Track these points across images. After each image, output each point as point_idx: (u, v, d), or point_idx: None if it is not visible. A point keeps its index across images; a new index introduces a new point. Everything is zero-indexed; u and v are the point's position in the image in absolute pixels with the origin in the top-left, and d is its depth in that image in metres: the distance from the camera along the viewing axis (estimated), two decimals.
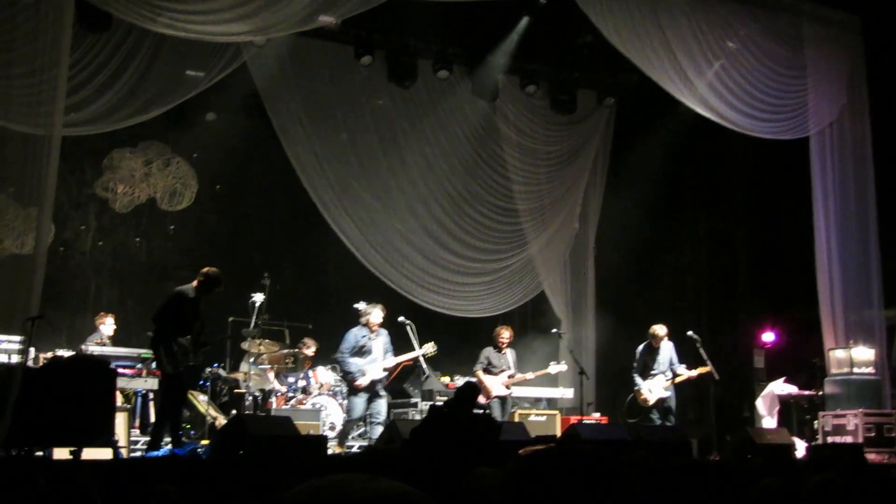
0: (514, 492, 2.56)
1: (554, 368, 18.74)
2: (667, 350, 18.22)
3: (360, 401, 16.66)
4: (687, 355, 18.39)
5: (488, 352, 18.35)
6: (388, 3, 15.65)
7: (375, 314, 17.01)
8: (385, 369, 16.90)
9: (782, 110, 19.08)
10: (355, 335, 16.86)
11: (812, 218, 19.52)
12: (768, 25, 18.74)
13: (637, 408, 18.49)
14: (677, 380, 18.00)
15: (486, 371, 18.11)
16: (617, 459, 2.58)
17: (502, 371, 18.05)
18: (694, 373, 17.97)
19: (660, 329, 18.28)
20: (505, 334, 18.38)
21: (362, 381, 16.58)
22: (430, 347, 17.30)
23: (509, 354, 18.31)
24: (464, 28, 19.34)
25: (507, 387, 18.07)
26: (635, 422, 18.89)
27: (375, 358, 16.81)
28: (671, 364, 18.11)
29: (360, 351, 16.78)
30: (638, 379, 18.25)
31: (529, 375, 18.34)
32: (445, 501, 5.46)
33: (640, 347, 18.47)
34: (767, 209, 22.11)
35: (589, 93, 21.84)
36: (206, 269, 14.58)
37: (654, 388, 18.02)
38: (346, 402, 17.49)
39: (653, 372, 18.13)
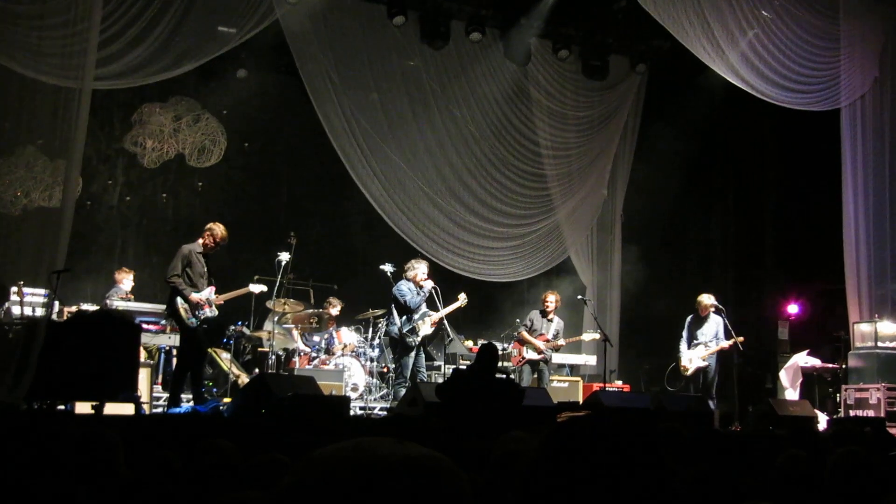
0: (553, 456, 2.54)
1: (588, 336, 18.70)
2: (714, 322, 18.14)
3: (411, 359, 16.58)
4: None
5: (533, 314, 18.33)
6: None
7: (422, 269, 16.88)
8: (433, 324, 16.81)
9: (814, 81, 18.95)
10: (409, 289, 16.74)
11: (841, 190, 19.42)
12: None
13: (678, 376, 18.50)
14: (712, 350, 17.91)
15: (529, 330, 18.07)
16: (654, 429, 2.56)
17: (540, 335, 17.95)
18: (726, 343, 17.89)
19: (706, 298, 18.23)
20: (550, 298, 18.29)
21: (415, 341, 16.51)
22: (463, 298, 17.21)
23: (555, 323, 18.20)
24: None
25: (539, 351, 17.93)
26: (658, 391, 18.96)
27: (425, 313, 16.73)
28: (716, 336, 18.02)
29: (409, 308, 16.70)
30: (682, 347, 18.21)
31: (561, 342, 18.23)
32: (473, 463, 5.45)
33: (689, 318, 18.42)
34: (797, 180, 22.00)
35: (621, 59, 21.71)
36: (211, 225, 14.55)
37: (693, 358, 17.97)
38: (371, 363, 17.56)
39: (697, 342, 18.07)
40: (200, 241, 14.48)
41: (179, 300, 14.09)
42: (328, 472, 2.10)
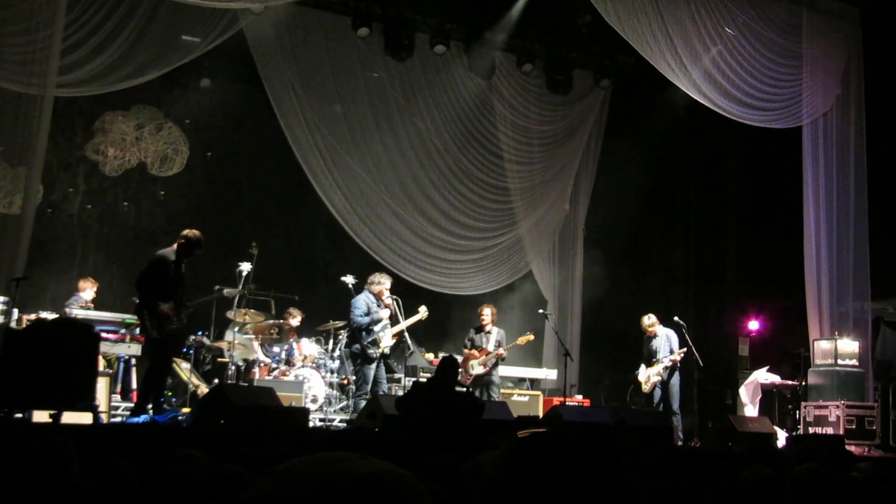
0: (514, 472, 2.52)
1: (522, 339, 18.58)
2: (663, 338, 18.15)
3: (371, 371, 16.50)
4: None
5: (471, 332, 18.26)
6: None
7: (386, 283, 16.85)
8: (393, 336, 16.75)
9: (776, 99, 19.05)
10: (366, 302, 16.66)
11: (802, 207, 19.51)
12: (767, 13, 18.70)
13: (639, 396, 18.49)
14: (662, 366, 17.91)
15: (471, 348, 18.01)
16: (614, 445, 2.54)
17: (481, 350, 17.89)
18: (676, 356, 17.90)
19: (645, 319, 18.29)
20: (486, 312, 18.22)
21: (376, 353, 16.45)
22: (423, 311, 17.17)
23: (494, 334, 18.10)
24: (462, 4, 19.28)
25: (484, 365, 17.86)
26: (618, 406, 18.98)
27: (385, 325, 16.67)
28: (670, 351, 18.02)
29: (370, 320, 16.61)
30: (641, 366, 18.24)
31: (501, 351, 18.12)
32: (433, 476, 5.42)
33: (644, 338, 18.48)
34: (758, 197, 22.12)
35: (585, 74, 21.77)
36: (186, 231, 14.34)
37: (651, 375, 17.98)
38: (331, 375, 17.46)
39: (654, 360, 18.10)
40: (174, 247, 14.29)
41: (146, 311, 13.93)
42: (292, 487, 2.08)
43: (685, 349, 17.94)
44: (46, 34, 13.14)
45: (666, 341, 18.11)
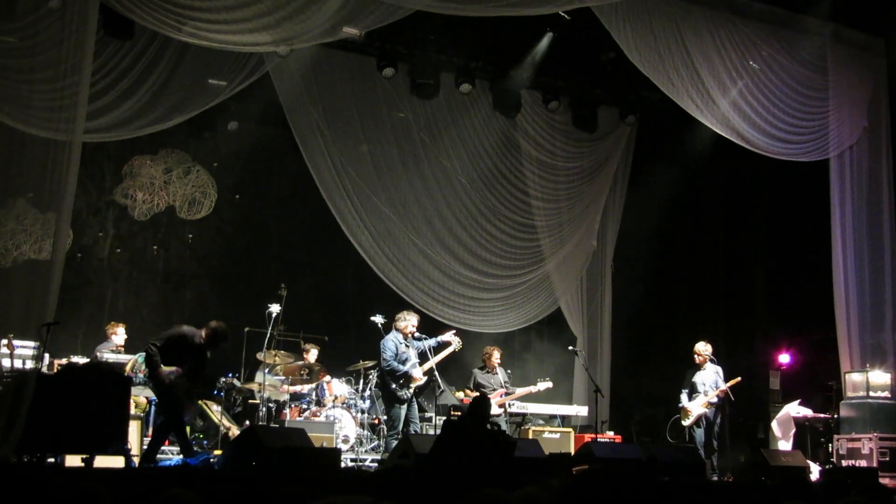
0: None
1: (542, 385, 18.53)
2: (712, 370, 17.98)
3: (402, 411, 16.51)
4: None
5: (476, 373, 18.21)
6: (412, 16, 15.61)
7: (412, 321, 16.87)
8: (424, 374, 16.73)
9: (803, 132, 18.98)
10: (394, 342, 16.68)
11: (830, 240, 19.43)
12: (792, 46, 18.65)
13: (680, 427, 18.29)
14: (709, 399, 17.74)
15: (476, 390, 17.89)
16: (656, 480, 2.59)
17: (493, 391, 17.81)
18: (725, 387, 17.73)
19: (702, 345, 18.12)
20: (495, 354, 18.24)
21: (407, 393, 16.46)
22: (457, 341, 17.16)
23: (500, 374, 18.14)
24: (487, 43, 19.28)
25: (500, 405, 17.84)
26: (649, 441, 18.85)
27: (414, 364, 16.67)
28: (716, 385, 17.84)
29: (399, 359, 16.61)
30: (683, 399, 18.08)
31: (517, 391, 18.14)
32: None
33: (689, 371, 18.32)
34: (787, 229, 22.05)
35: (611, 110, 21.71)
36: (214, 324, 14.28)
37: (693, 408, 17.81)
38: (362, 415, 17.44)
39: (697, 392, 17.92)
40: (202, 332, 14.19)
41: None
42: None
43: (738, 378, 17.83)
44: (74, 80, 13.19)
45: (715, 374, 17.94)
